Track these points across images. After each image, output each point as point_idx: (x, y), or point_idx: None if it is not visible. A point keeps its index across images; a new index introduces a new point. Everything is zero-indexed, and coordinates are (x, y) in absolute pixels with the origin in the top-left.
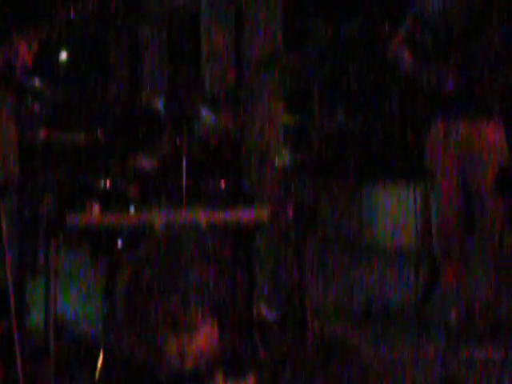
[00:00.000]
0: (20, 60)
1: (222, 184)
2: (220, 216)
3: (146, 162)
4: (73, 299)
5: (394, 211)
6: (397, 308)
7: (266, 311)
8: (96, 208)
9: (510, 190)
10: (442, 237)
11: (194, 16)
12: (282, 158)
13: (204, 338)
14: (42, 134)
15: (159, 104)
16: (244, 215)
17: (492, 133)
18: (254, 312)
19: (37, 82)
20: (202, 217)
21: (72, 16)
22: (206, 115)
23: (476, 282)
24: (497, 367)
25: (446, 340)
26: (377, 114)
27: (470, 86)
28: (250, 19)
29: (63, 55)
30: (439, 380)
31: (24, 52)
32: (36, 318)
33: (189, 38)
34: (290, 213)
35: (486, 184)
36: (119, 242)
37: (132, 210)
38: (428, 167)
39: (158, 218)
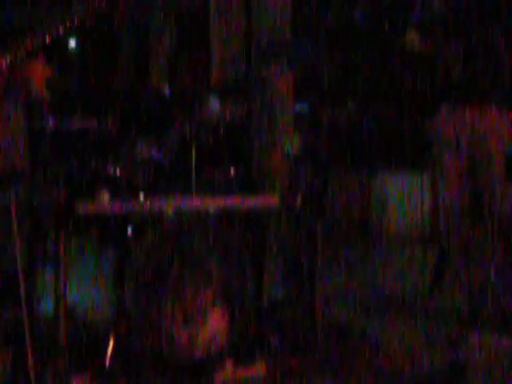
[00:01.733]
0: (37, 81)
1: (232, 171)
2: (230, 203)
3: (156, 150)
4: (83, 287)
5: (403, 197)
6: (406, 294)
7: (275, 297)
8: (106, 196)
9: None
10: (450, 223)
11: (203, 3)
12: (292, 146)
13: (214, 325)
14: (50, 121)
15: (168, 91)
16: (254, 202)
17: (498, 119)
18: (264, 298)
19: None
20: (211, 204)
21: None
22: (216, 103)
23: (485, 268)
24: (506, 353)
25: (455, 326)
26: (385, 102)
27: (476, 72)
28: (259, 6)
29: (72, 43)
30: (448, 366)
31: (41, 74)
32: (46, 305)
33: (198, 25)
34: (300, 200)
35: (493, 170)
36: (129, 230)
37: (142, 197)
38: (435, 154)
39: (167, 206)
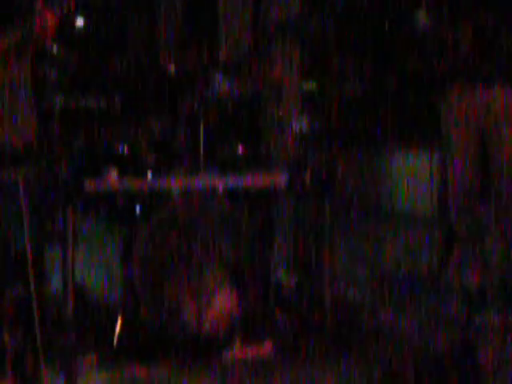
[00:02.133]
0: (46, 28)
1: (240, 149)
2: (238, 181)
3: (163, 127)
4: (91, 265)
5: (412, 177)
6: (414, 273)
7: (284, 276)
8: (114, 174)
9: None
10: (458, 202)
11: None
12: (300, 124)
13: (222, 303)
14: (59, 100)
15: (175, 69)
16: (262, 181)
17: (509, 97)
18: (272, 277)
19: (54, 48)
20: (219, 182)
21: None
22: (223, 80)
23: (492, 248)
24: None
25: (463, 305)
26: (394, 80)
27: (486, 50)
28: None
29: (80, 20)
30: (457, 345)
31: (50, 20)
32: (54, 284)
33: (205, 1)
34: (308, 178)
35: (503, 149)
36: (137, 208)
37: (149, 175)
38: (445, 132)
39: (175, 184)
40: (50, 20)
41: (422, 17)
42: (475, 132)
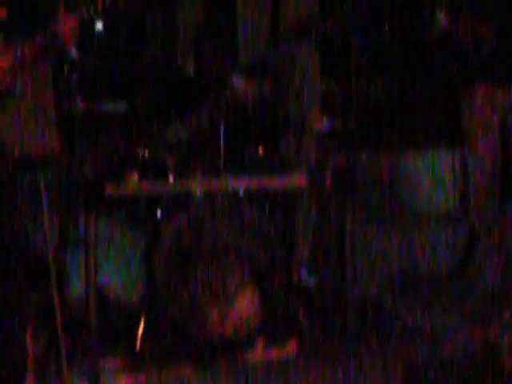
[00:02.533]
0: (67, 33)
1: (261, 151)
2: (258, 183)
3: (184, 130)
4: (113, 268)
5: (433, 176)
6: (437, 273)
7: (305, 278)
8: (135, 177)
9: None
10: (480, 201)
11: None
12: (321, 125)
13: (245, 305)
14: (80, 104)
15: (195, 72)
16: (282, 182)
17: None
18: (294, 279)
19: (74, 52)
20: (240, 184)
21: None
22: (243, 82)
23: None
24: None
25: (487, 304)
26: (415, 79)
27: (508, 49)
28: None
29: (99, 24)
30: (480, 344)
31: (71, 25)
32: (77, 287)
33: (224, 2)
34: (329, 179)
35: None
36: (158, 211)
37: (171, 178)
38: (467, 132)
39: (196, 186)
40: (72, 25)
41: (442, 17)
42: (497, 131)
